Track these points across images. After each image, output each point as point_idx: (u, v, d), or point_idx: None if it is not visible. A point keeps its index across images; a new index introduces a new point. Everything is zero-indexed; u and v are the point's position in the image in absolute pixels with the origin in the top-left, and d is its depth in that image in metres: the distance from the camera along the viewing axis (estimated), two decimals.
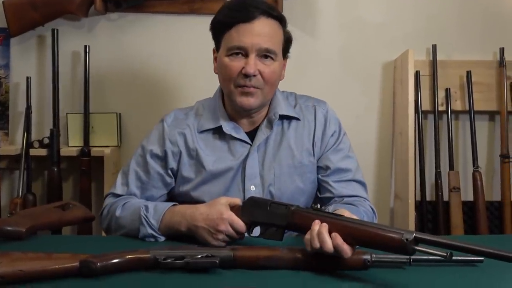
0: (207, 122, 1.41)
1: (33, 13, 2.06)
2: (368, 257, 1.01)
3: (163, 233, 1.25)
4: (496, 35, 2.18)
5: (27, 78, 2.08)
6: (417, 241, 0.93)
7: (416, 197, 2.07)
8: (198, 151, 1.39)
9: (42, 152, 2.05)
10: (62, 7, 2.06)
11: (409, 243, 0.93)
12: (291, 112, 1.42)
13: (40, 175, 2.19)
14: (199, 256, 1.02)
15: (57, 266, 0.98)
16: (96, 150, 2.09)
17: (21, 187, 2.01)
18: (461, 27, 2.19)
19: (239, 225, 1.16)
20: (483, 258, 1.04)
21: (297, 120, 1.43)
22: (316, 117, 1.44)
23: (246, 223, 1.16)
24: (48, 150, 2.04)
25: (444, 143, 2.17)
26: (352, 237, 0.99)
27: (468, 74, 2.13)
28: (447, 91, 2.15)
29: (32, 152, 2.05)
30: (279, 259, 1.04)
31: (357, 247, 1.01)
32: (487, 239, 1.62)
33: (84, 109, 2.08)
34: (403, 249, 0.94)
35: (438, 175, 2.13)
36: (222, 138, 1.40)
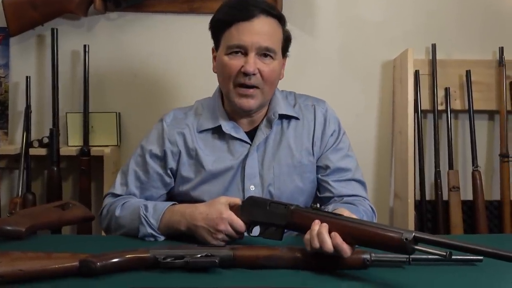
0: (207, 122, 1.41)
1: (33, 13, 2.06)
2: (368, 257, 1.01)
3: (163, 233, 1.25)
4: (496, 35, 2.18)
5: (27, 78, 2.07)
6: (417, 241, 0.93)
7: (416, 197, 2.07)
8: (198, 151, 1.38)
9: (42, 152, 2.04)
10: (62, 7, 2.06)
11: (409, 243, 0.93)
12: (291, 112, 1.42)
13: (40, 175, 2.18)
14: (199, 256, 1.02)
15: (57, 266, 0.98)
16: (96, 150, 2.09)
17: (21, 187, 2.01)
18: (461, 27, 2.19)
19: (239, 225, 1.16)
20: (483, 258, 1.04)
21: (297, 120, 1.43)
22: (316, 117, 1.43)
23: (246, 223, 1.16)
24: (48, 150, 2.04)
25: (444, 143, 2.18)
26: (352, 237, 0.99)
27: (468, 74, 2.13)
28: (447, 90, 2.15)
29: (32, 152, 2.04)
30: (279, 259, 1.04)
31: (357, 247, 1.01)
32: (487, 239, 1.62)
33: (84, 109, 2.07)
34: (403, 249, 0.94)
35: (438, 175, 2.14)
36: (222, 138, 1.40)
